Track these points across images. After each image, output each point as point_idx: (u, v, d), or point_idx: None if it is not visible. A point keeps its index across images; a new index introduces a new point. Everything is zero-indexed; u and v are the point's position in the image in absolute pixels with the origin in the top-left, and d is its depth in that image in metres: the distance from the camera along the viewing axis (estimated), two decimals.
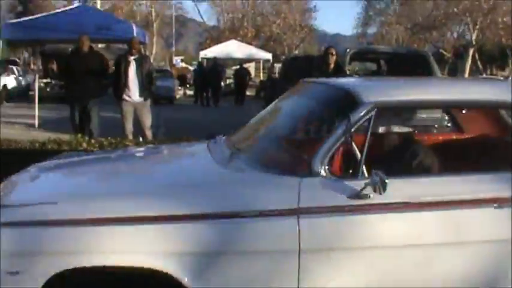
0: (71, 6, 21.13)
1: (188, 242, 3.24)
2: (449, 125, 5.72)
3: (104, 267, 3.22)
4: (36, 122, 15.37)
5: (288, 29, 53.16)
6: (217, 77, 26.76)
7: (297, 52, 48.06)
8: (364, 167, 3.49)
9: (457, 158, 4.47)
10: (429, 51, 18.28)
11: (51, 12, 14.66)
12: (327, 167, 3.45)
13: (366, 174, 3.42)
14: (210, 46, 40.43)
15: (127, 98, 10.67)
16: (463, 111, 5.07)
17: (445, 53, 40.66)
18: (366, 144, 3.49)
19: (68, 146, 7.35)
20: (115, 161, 4.75)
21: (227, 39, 41.92)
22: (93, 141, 7.61)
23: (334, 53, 10.10)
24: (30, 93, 26.41)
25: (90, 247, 3.23)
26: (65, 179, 4.23)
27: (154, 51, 48.44)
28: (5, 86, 24.48)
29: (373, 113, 3.59)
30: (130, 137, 9.96)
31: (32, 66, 34.95)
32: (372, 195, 3.33)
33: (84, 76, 10.65)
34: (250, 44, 42.49)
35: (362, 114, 3.57)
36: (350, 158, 3.57)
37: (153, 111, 11.35)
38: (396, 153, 4.22)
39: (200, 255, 3.26)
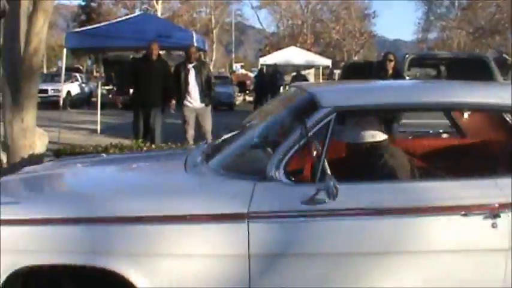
0: (132, 15, 21.51)
1: (138, 243, 3.27)
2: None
3: (57, 266, 3.32)
4: (99, 128, 15.68)
5: (347, 35, 52.97)
6: (276, 84, 26.79)
7: (356, 58, 47.75)
8: (328, 171, 3.38)
9: (435, 163, 4.40)
10: (492, 56, 17.84)
11: (113, 21, 14.91)
12: (282, 172, 3.39)
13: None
14: (269, 53, 40.50)
15: (188, 104, 10.88)
16: (465, 115, 4.95)
17: (508, 57, 39.70)
18: (325, 149, 3.40)
19: (129, 151, 7.49)
20: (88, 166, 4.81)
21: (286, 45, 41.93)
22: (153, 146, 7.73)
23: (392, 58, 10.01)
24: (93, 99, 27.04)
25: (43, 246, 3.29)
26: (30, 183, 4.27)
27: (214, 58, 48.92)
28: (68, 92, 25.10)
29: (332, 117, 3.51)
30: (191, 142, 10.10)
31: (94, 73, 35.70)
32: (327, 201, 3.25)
33: (151, 82, 10.88)
34: (309, 50, 42.41)
35: (319, 118, 3.51)
36: (309, 164, 3.53)
37: (213, 117, 11.47)
38: (364, 159, 4.06)
39: (149, 256, 3.28)
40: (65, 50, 14.94)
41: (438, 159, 4.61)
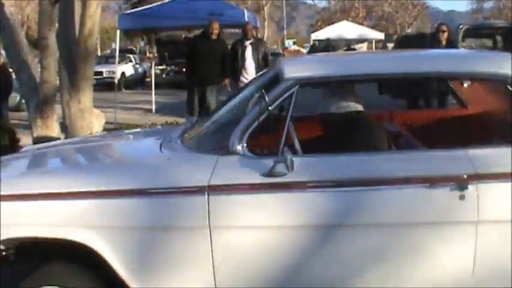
0: None
1: (106, 216, 3.35)
2: None
3: (35, 238, 3.41)
4: (154, 107, 15.84)
5: (400, 8, 52.08)
6: None
7: (409, 30, 46.96)
8: (297, 145, 3.41)
9: (411, 135, 4.25)
10: None
11: (165, 1, 14.97)
12: (245, 145, 3.38)
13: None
14: (321, 28, 40.20)
15: (245, 80, 10.93)
16: (465, 85, 4.78)
17: None
18: (287, 122, 3.37)
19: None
20: (75, 144, 4.86)
21: (338, 20, 41.54)
22: None
23: (445, 29, 9.84)
24: (147, 80, 27.32)
25: (21, 220, 3.40)
26: (17, 163, 4.34)
27: (265, 35, 48.73)
28: (123, 73, 25.42)
29: (294, 89, 3.47)
30: None
31: (147, 54, 36.01)
32: (287, 174, 3.23)
33: (209, 60, 10.95)
34: (361, 24, 41.91)
35: (282, 91, 3.48)
36: (274, 137, 3.42)
37: None
38: (337, 130, 4.01)
39: (118, 229, 3.35)
40: (118, 32, 15.10)
41: (416, 131, 4.45)
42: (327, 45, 27.07)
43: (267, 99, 3.38)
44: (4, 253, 3.54)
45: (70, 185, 3.44)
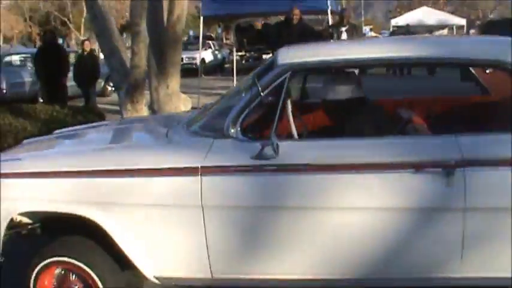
0: None
1: (110, 193, 3.60)
2: None
3: (45, 212, 3.76)
4: None
5: None
6: None
7: (492, 16, 45.63)
8: (294, 130, 3.54)
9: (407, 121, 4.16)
10: None
11: None
12: (239, 129, 3.50)
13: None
14: (400, 14, 39.54)
15: None
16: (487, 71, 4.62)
17: None
18: (279, 107, 3.45)
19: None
20: (94, 129, 5.17)
21: (417, 5, 40.74)
22: None
23: None
24: (226, 66, 27.55)
25: (36, 195, 3.74)
26: (40, 145, 4.72)
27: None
28: (203, 60, 25.75)
29: (287, 75, 3.54)
30: None
31: (224, 40, 36.30)
32: (274, 157, 3.34)
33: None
34: (442, 10, 40.98)
35: (274, 76, 3.56)
36: (268, 121, 3.53)
37: None
38: (335, 115, 4.12)
39: (118, 205, 3.59)
40: (202, 18, 15.30)
41: (430, 116, 4.42)
42: (407, 32, 26.63)
43: (258, 85, 3.52)
44: (30, 226, 3.95)
45: (79, 164, 3.72)
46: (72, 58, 15.57)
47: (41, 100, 14.86)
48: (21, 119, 9.56)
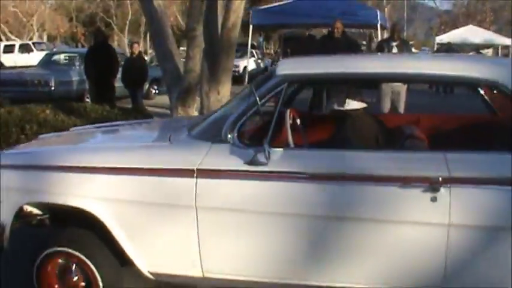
0: None
1: (108, 189, 3.81)
2: None
3: (51, 204, 3.97)
4: None
5: None
6: None
7: None
8: (290, 138, 3.65)
9: (398, 137, 4.27)
10: None
11: None
12: (236, 135, 3.63)
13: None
14: (444, 32, 39.26)
15: None
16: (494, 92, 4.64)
17: None
18: (275, 116, 3.59)
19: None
20: (108, 128, 5.40)
21: (461, 24, 40.44)
22: None
23: None
24: None
25: (42, 187, 3.97)
26: (51, 140, 5.01)
27: (385, 36, 48.15)
28: (245, 68, 25.86)
29: (283, 86, 3.69)
30: None
31: (264, 50, 36.45)
32: (267, 163, 3.48)
33: None
34: (488, 29, 40.57)
35: (271, 86, 3.71)
36: (265, 129, 3.65)
37: None
38: (331, 125, 4.27)
39: (116, 201, 3.78)
40: (251, 27, 15.41)
41: (404, 133, 4.40)
42: (448, 49, 26.47)
43: (256, 94, 3.66)
44: (39, 217, 4.15)
45: (81, 160, 3.96)
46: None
47: (88, 99, 15.07)
48: (72, 117, 9.72)
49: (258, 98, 3.64)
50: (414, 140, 4.11)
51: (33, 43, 35.80)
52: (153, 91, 18.39)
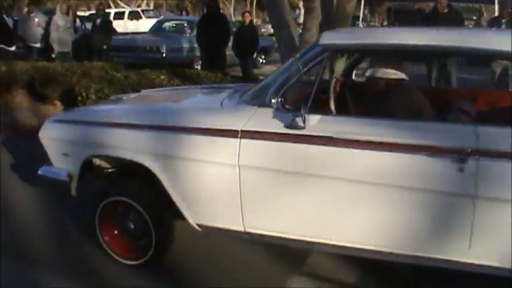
0: None
1: (163, 146, 4.10)
2: None
3: (111, 157, 4.40)
4: None
5: None
6: None
7: None
8: (332, 105, 3.85)
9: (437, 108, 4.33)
10: None
11: None
12: (280, 100, 3.79)
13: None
14: None
15: None
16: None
17: None
18: (317, 83, 3.74)
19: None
20: (163, 92, 5.87)
21: None
22: None
23: None
24: None
25: (104, 142, 4.35)
26: (122, 101, 5.37)
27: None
28: None
29: (325, 54, 3.83)
30: None
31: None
32: (305, 127, 3.66)
33: None
34: None
35: (314, 55, 3.87)
36: (307, 95, 3.77)
37: None
38: (369, 94, 4.37)
39: (169, 157, 4.07)
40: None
41: (441, 105, 4.50)
42: None
43: (299, 62, 3.85)
44: (109, 170, 4.61)
45: (141, 119, 4.29)
46: None
47: (197, 67, 15.41)
48: (186, 82, 10.00)
49: (301, 66, 3.83)
50: (459, 113, 4.18)
51: (142, 10, 36.66)
52: (261, 61, 18.55)
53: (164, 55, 16.20)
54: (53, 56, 13.95)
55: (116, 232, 4.51)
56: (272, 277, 4.30)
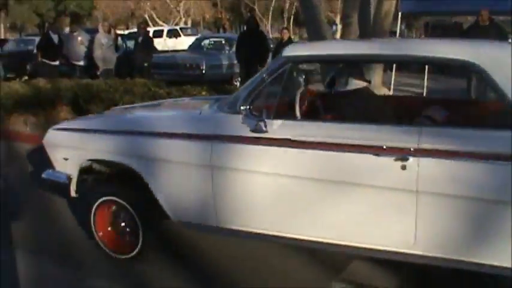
0: None
1: (145, 149, 4.51)
2: None
3: (104, 161, 4.85)
4: (424, 92, 15.85)
5: None
6: None
7: None
8: (297, 111, 4.19)
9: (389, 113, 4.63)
10: None
11: None
12: (248, 107, 4.13)
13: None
14: None
15: None
16: None
17: None
18: (280, 91, 4.13)
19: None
20: (149, 106, 6.36)
21: None
22: None
23: None
24: None
25: (97, 147, 4.80)
26: (118, 111, 5.87)
27: None
28: None
29: (287, 66, 4.16)
30: None
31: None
32: (268, 131, 4.01)
33: None
34: None
35: (277, 66, 4.20)
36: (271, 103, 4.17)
37: None
38: (332, 102, 4.77)
39: (151, 159, 4.49)
40: (400, 14, 15.31)
41: (393, 110, 4.75)
42: None
43: (265, 73, 4.20)
44: (98, 172, 5.03)
45: (127, 126, 4.78)
46: None
47: (236, 83, 15.65)
48: None
49: (266, 76, 4.18)
50: (424, 119, 4.52)
51: (181, 28, 37.26)
52: None
53: (204, 72, 16.46)
54: (98, 73, 14.30)
55: (109, 229, 4.92)
56: (312, 283, 4.44)
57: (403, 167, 3.62)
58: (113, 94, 10.38)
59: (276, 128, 4.03)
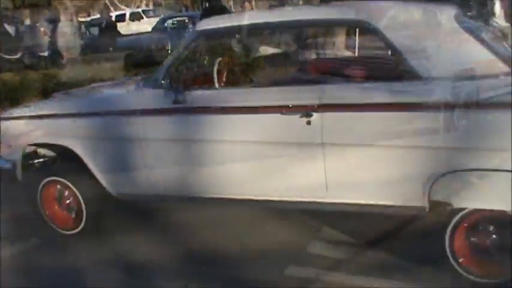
0: None
1: (79, 130, 4.76)
2: None
3: (43, 144, 5.11)
4: None
5: None
6: None
7: None
8: (215, 80, 4.41)
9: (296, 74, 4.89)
10: None
11: None
12: (168, 81, 4.39)
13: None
14: None
15: None
16: None
17: None
18: (196, 64, 4.61)
19: None
20: (85, 89, 6.48)
21: None
22: None
23: None
24: None
25: (38, 132, 5.06)
26: (56, 97, 5.92)
27: None
28: None
29: (200, 39, 4.50)
30: None
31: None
32: (187, 101, 4.25)
33: None
34: None
35: (191, 40, 4.49)
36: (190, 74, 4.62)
37: None
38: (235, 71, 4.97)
39: (87, 138, 4.75)
40: None
41: (301, 72, 4.98)
42: None
43: (181, 47, 4.49)
44: (41, 155, 5.27)
45: (62, 109, 5.03)
46: None
47: None
48: None
49: (181, 50, 4.46)
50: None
51: (143, 11, 36.86)
52: None
53: (170, 51, 16.38)
54: (63, 62, 14.22)
55: (55, 207, 5.18)
56: (291, 243, 4.55)
57: (308, 123, 3.86)
58: (81, 82, 10.35)
59: (195, 97, 4.28)
